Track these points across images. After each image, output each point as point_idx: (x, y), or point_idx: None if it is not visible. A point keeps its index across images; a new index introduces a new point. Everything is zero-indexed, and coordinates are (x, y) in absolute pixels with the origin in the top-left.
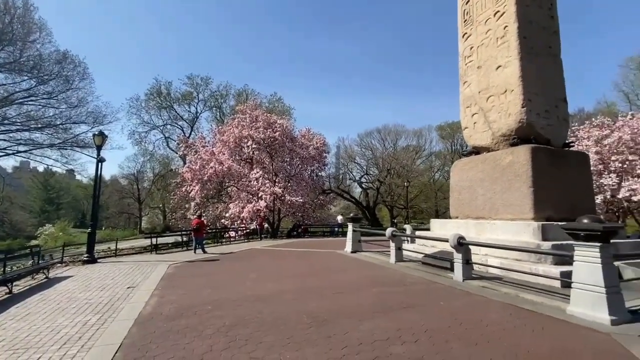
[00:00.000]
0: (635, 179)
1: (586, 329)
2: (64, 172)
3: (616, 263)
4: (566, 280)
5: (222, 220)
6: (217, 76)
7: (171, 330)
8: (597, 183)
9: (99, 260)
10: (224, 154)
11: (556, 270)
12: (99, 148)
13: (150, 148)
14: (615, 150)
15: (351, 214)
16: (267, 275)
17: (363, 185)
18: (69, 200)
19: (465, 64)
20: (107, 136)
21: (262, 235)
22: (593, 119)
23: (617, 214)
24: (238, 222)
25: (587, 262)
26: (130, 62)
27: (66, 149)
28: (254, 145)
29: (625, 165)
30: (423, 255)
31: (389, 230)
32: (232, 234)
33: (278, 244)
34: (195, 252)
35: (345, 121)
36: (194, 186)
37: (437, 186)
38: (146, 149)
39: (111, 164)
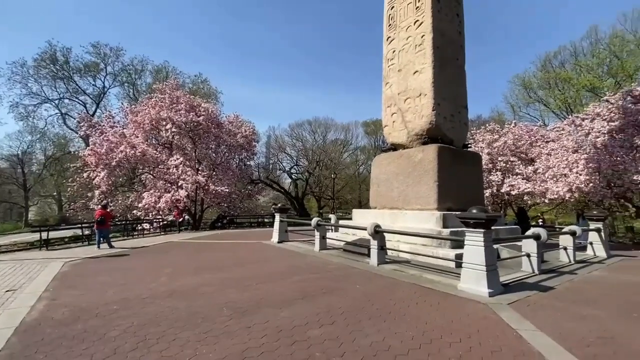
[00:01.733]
0: (514, 176)
1: (470, 301)
2: None
3: (496, 246)
4: (459, 261)
5: (135, 212)
6: (133, 49)
7: (65, 337)
8: (487, 179)
9: None
10: (137, 137)
11: (452, 253)
12: None
13: (41, 125)
14: (501, 152)
15: (279, 205)
16: (185, 269)
17: (293, 176)
18: None
19: (388, 66)
20: None
21: (182, 228)
22: (487, 125)
23: (500, 205)
24: (154, 213)
25: (474, 245)
26: (14, 15)
27: None
28: (173, 129)
29: (508, 165)
30: (345, 243)
31: (314, 220)
32: (147, 226)
33: (200, 236)
34: (99, 247)
35: (277, 110)
36: (99, 172)
37: (361, 179)
38: (35, 126)
39: None
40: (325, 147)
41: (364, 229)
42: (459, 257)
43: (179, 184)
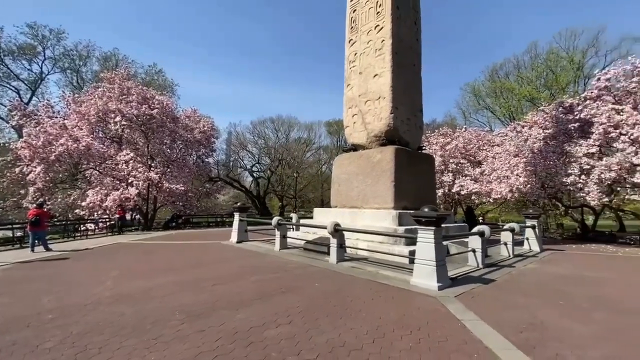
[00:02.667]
0: (464, 177)
1: (422, 295)
2: None
3: (445, 242)
4: (412, 257)
5: (77, 211)
6: (78, 34)
7: None
8: (440, 179)
9: None
10: (81, 129)
11: (407, 249)
12: None
13: None
14: (452, 155)
15: (239, 204)
16: (134, 272)
17: (254, 175)
18: None
19: (350, 68)
20: None
21: (128, 228)
22: (440, 129)
23: (451, 204)
24: (99, 212)
25: (426, 242)
26: None
27: None
28: (123, 122)
29: (458, 167)
30: (305, 241)
31: (275, 220)
32: (91, 226)
33: (152, 237)
34: (33, 250)
35: (239, 107)
36: (34, 167)
37: (324, 178)
38: None
39: None
40: (288, 145)
41: (325, 227)
42: (412, 253)
43: (129, 181)
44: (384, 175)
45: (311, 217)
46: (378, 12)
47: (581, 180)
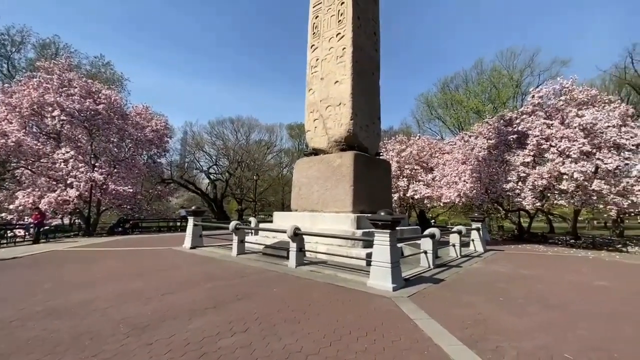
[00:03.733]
0: (417, 182)
1: (377, 296)
2: None
3: (400, 244)
4: (369, 259)
5: (4, 214)
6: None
7: None
8: (395, 184)
9: None
10: (10, 123)
11: (364, 252)
12: None
13: None
14: (407, 161)
15: (193, 207)
16: (70, 283)
17: (211, 177)
18: None
19: (312, 73)
20: None
21: (66, 234)
22: (397, 136)
23: (406, 207)
24: (32, 216)
25: (381, 244)
26: None
27: None
28: (63, 117)
29: (412, 172)
30: (264, 246)
31: (232, 224)
32: (20, 232)
33: (93, 244)
34: None
35: (197, 107)
36: None
37: (285, 181)
38: None
39: None
40: (248, 147)
41: (284, 231)
42: (369, 255)
43: (69, 182)
44: (343, 180)
45: (271, 221)
46: (339, 21)
47: (518, 187)
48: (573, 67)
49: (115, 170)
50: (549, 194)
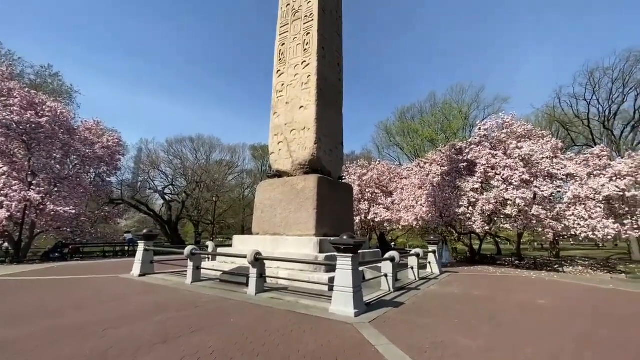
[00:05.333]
0: (378, 206)
1: (340, 323)
2: None
3: (361, 268)
4: (331, 285)
5: None
6: None
7: None
8: (357, 207)
9: None
10: None
11: (326, 277)
12: None
13: None
14: (368, 185)
15: (144, 230)
16: None
17: (166, 197)
18: None
19: (277, 97)
20: None
21: None
22: (358, 161)
23: (367, 230)
24: None
25: (344, 269)
26: None
27: None
28: None
29: (373, 196)
30: (222, 272)
31: (188, 249)
32: None
33: (22, 272)
34: None
35: (154, 123)
36: None
37: (246, 202)
38: None
39: None
40: (208, 167)
41: (245, 256)
42: (331, 280)
43: None
44: (307, 203)
45: (230, 245)
46: (305, 49)
47: (469, 211)
48: (512, 104)
49: (57, 189)
50: (495, 218)
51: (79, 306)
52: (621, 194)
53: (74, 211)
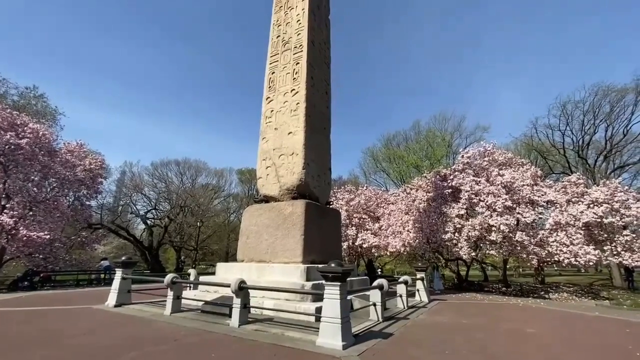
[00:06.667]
0: (365, 231)
1: (327, 356)
2: None
3: (349, 297)
4: (319, 315)
5: None
6: None
7: None
8: (345, 233)
9: None
10: None
11: (313, 306)
12: None
13: None
14: (356, 210)
15: (123, 257)
16: None
17: (148, 222)
18: None
19: (266, 123)
20: None
21: None
22: (346, 186)
23: (355, 256)
24: None
25: (332, 298)
26: None
27: None
28: None
29: (360, 221)
30: (204, 302)
31: (168, 277)
32: None
33: None
34: None
35: (140, 146)
36: None
37: (231, 227)
38: None
39: None
40: (193, 191)
41: (228, 285)
42: (318, 310)
43: None
44: (294, 228)
45: (213, 273)
46: (294, 78)
47: (455, 237)
48: (492, 133)
49: (31, 212)
50: (481, 245)
51: (45, 341)
52: (599, 220)
53: (48, 236)
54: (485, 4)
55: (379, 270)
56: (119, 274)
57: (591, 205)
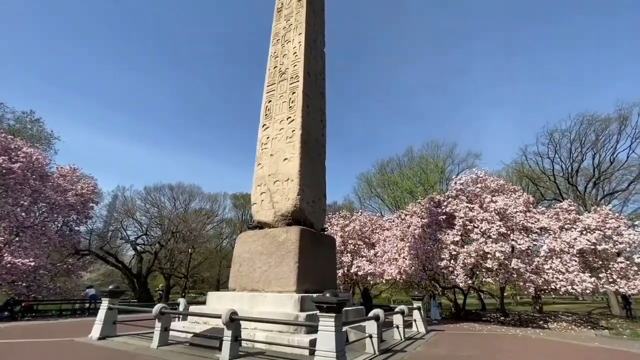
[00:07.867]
0: (360, 258)
1: None
2: None
3: (345, 328)
4: (312, 348)
5: None
6: None
7: None
8: (339, 260)
9: None
10: None
11: (307, 339)
12: None
13: None
14: (351, 236)
15: (110, 286)
16: None
17: (138, 248)
18: None
19: (262, 149)
20: None
21: None
22: (340, 211)
23: (350, 284)
24: None
25: (326, 330)
26: None
27: None
28: None
29: (356, 248)
30: (193, 334)
31: (157, 307)
32: None
33: None
34: None
35: (136, 170)
36: None
37: (224, 253)
38: None
39: None
40: (186, 216)
41: (219, 316)
42: (313, 343)
43: None
44: (288, 256)
45: (203, 302)
46: (290, 107)
47: (451, 264)
48: (483, 159)
49: (18, 238)
50: (477, 272)
51: None
52: (593, 247)
53: (32, 263)
54: (477, 36)
55: (374, 299)
56: (105, 303)
57: (584, 232)
